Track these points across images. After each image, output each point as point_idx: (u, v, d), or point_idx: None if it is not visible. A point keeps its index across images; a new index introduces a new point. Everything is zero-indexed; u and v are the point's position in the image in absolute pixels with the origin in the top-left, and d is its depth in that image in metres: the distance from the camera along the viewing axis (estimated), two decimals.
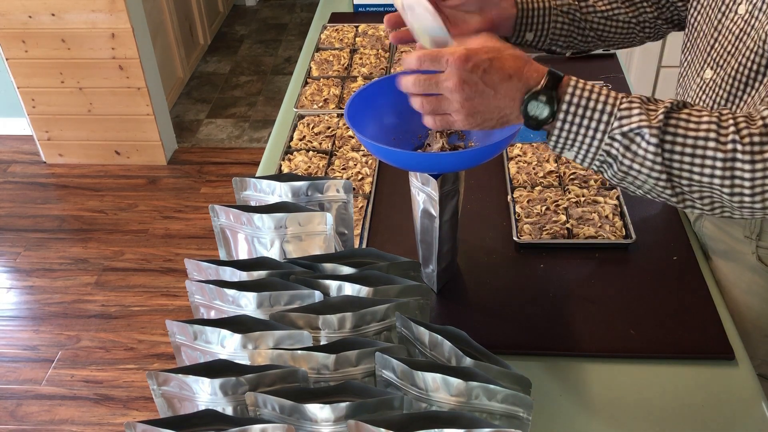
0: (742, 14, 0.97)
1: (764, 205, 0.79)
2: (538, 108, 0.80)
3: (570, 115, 0.81)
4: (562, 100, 0.81)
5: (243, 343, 0.80)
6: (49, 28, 2.81)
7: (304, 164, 1.37)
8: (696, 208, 0.84)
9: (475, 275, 1.14)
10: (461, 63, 0.80)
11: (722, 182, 0.79)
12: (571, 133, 0.82)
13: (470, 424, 0.67)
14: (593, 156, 0.83)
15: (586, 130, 0.81)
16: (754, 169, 0.77)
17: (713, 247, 1.15)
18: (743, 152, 0.77)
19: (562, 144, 0.83)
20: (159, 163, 3.15)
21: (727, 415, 0.93)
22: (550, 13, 1.10)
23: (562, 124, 0.81)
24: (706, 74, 1.03)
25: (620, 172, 0.83)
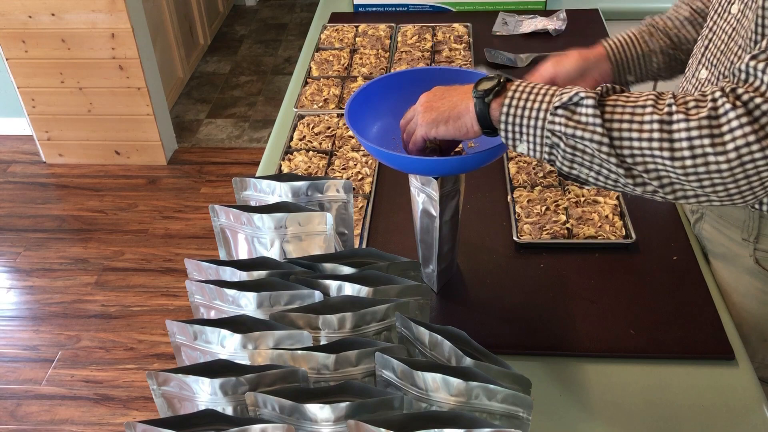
0: (735, 13, 0.98)
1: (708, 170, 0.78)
2: (489, 82, 0.87)
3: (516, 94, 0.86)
4: (511, 83, 0.88)
5: (243, 343, 0.80)
6: (49, 28, 2.81)
7: (304, 164, 1.37)
8: (648, 187, 0.84)
9: (475, 275, 1.14)
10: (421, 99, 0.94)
11: (661, 145, 0.79)
12: (517, 116, 0.86)
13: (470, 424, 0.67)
14: (541, 139, 0.85)
15: (530, 111, 0.85)
16: (689, 127, 0.78)
17: (712, 249, 1.15)
18: (678, 112, 0.79)
19: (512, 129, 0.86)
20: (159, 163, 3.15)
21: (727, 415, 0.93)
22: (643, 58, 1.16)
23: (508, 106, 0.86)
24: (701, 74, 1.04)
25: (568, 149, 0.84)
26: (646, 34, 1.16)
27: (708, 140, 0.78)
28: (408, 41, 1.78)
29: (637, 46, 1.15)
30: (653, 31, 1.17)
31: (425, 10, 1.98)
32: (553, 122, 0.84)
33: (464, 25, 1.85)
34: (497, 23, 1.87)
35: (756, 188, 0.80)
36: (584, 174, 0.87)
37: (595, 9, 1.93)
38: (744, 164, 0.77)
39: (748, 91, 0.78)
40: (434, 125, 0.92)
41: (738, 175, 0.78)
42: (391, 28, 1.85)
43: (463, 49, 1.74)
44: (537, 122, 0.85)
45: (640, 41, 1.16)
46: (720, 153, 0.77)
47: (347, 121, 0.97)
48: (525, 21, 1.87)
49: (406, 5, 1.99)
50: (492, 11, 1.94)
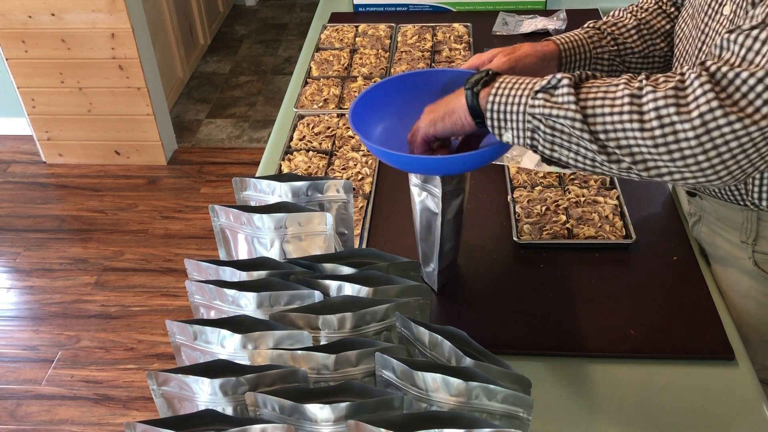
0: (727, 14, 0.98)
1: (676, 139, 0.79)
2: (478, 75, 0.91)
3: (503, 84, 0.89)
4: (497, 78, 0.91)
5: (243, 343, 0.80)
6: (49, 28, 2.81)
7: (304, 164, 1.37)
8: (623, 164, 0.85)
9: (475, 275, 1.14)
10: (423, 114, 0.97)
11: (631, 117, 0.81)
12: (501, 103, 0.89)
13: (470, 424, 0.67)
14: (523, 123, 0.88)
15: (513, 97, 0.88)
16: (656, 97, 0.80)
17: (711, 252, 1.15)
18: (647, 86, 0.81)
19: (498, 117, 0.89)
20: (159, 163, 3.15)
21: (727, 416, 0.93)
22: (591, 62, 1.15)
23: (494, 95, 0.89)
24: None
25: (547, 130, 0.86)
26: (595, 38, 1.15)
27: (674, 108, 0.79)
28: (408, 41, 1.78)
29: (587, 49, 1.13)
30: (602, 36, 1.15)
31: (425, 10, 1.98)
32: (534, 105, 0.86)
33: (464, 25, 1.85)
34: (497, 23, 1.87)
35: (729, 163, 0.80)
36: (564, 156, 0.88)
37: (595, 9, 1.93)
38: (710, 131, 0.78)
39: (716, 63, 0.80)
40: (432, 124, 0.95)
41: (706, 144, 0.79)
42: (391, 28, 1.85)
43: (463, 49, 1.74)
44: (519, 107, 0.87)
45: (590, 44, 1.14)
46: (685, 120, 0.79)
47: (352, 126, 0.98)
48: (525, 21, 1.87)
49: (406, 5, 1.99)
50: (492, 11, 1.94)
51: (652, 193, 1.29)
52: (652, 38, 1.16)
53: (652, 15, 1.17)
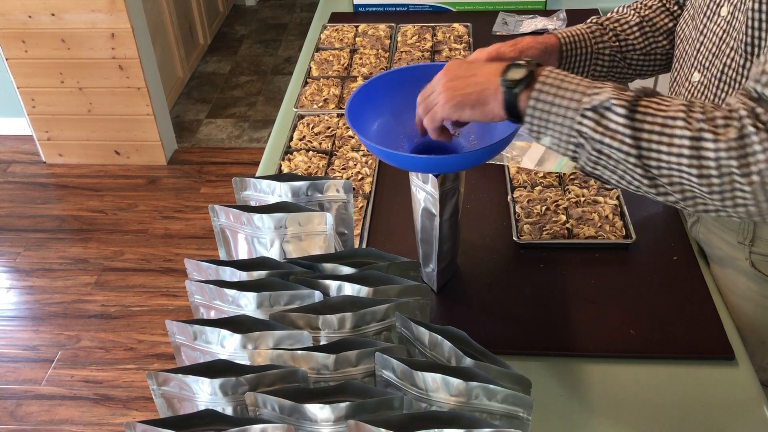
0: (725, 16, 0.98)
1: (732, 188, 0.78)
2: (518, 71, 0.85)
3: (545, 87, 0.84)
4: (542, 71, 0.85)
5: (243, 343, 0.80)
6: (49, 28, 2.81)
7: (304, 164, 1.37)
8: (670, 197, 0.83)
9: (475, 275, 1.14)
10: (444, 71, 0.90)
11: (690, 162, 0.78)
12: (545, 111, 0.84)
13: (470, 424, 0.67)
14: (567, 137, 0.84)
15: (557, 107, 0.83)
16: (718, 148, 0.77)
17: (709, 252, 1.15)
18: (708, 131, 0.78)
19: (539, 123, 0.85)
20: (159, 163, 3.15)
21: (727, 415, 0.93)
22: (592, 57, 1.14)
23: (535, 100, 0.84)
24: (694, 77, 1.04)
25: (593, 152, 0.83)
26: (597, 33, 1.14)
27: (735, 162, 0.77)
28: (408, 41, 1.78)
29: (588, 44, 1.13)
30: (604, 32, 1.15)
31: (425, 10, 1.98)
32: (582, 124, 0.82)
33: (464, 25, 1.85)
34: (497, 23, 1.87)
35: None
36: (607, 175, 0.85)
37: (595, 9, 1.93)
38: (765, 185, 0.76)
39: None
40: (459, 109, 0.89)
41: (760, 197, 0.77)
42: (391, 28, 1.85)
43: (463, 49, 1.74)
44: (564, 120, 0.83)
45: (591, 40, 1.13)
46: (745, 175, 0.76)
47: (348, 121, 0.97)
48: (525, 21, 1.87)
49: (406, 5, 1.99)
50: (492, 11, 1.94)
51: None
52: (655, 36, 1.16)
53: (656, 12, 1.17)
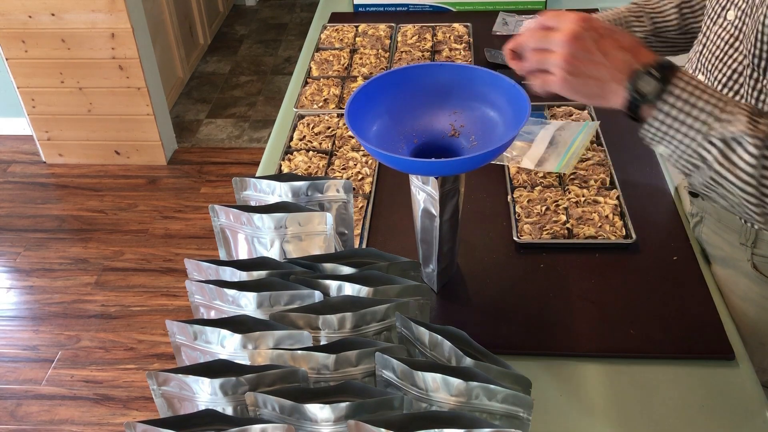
0: (732, 20, 0.97)
1: None
2: (649, 83, 0.78)
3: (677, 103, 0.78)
4: (675, 84, 0.78)
5: (243, 343, 0.80)
6: (49, 28, 2.81)
7: (304, 164, 1.37)
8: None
9: (475, 275, 1.14)
10: (580, 21, 0.80)
11: None
12: (671, 127, 0.79)
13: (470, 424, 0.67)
14: (687, 156, 0.80)
15: (685, 127, 0.78)
16: None
17: (711, 252, 1.15)
18: None
19: (660, 136, 0.80)
20: (159, 163, 3.15)
21: (727, 415, 0.93)
22: None
23: (665, 114, 0.79)
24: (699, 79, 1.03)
25: (710, 180, 0.79)
26: (634, 16, 1.14)
27: None
28: (408, 41, 1.78)
29: (624, 25, 1.14)
30: (642, 14, 1.16)
31: (425, 10, 1.98)
32: (707, 150, 0.78)
33: (464, 25, 1.85)
34: (497, 23, 1.87)
35: None
36: (714, 197, 0.83)
37: (595, 9, 1.93)
38: None
39: None
40: (573, 93, 0.83)
41: None
42: (391, 28, 1.85)
43: (463, 49, 1.74)
44: (688, 140, 0.79)
45: (628, 21, 1.15)
46: None
47: (348, 124, 0.97)
48: (525, 21, 1.87)
49: (406, 5, 1.99)
50: (492, 11, 1.94)
51: (652, 193, 1.29)
52: (693, 14, 1.17)
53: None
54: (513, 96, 1.00)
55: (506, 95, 1.02)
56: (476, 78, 1.05)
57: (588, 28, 0.79)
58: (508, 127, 1.00)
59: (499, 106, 1.03)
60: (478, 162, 0.94)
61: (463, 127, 1.05)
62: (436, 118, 1.06)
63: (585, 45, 0.79)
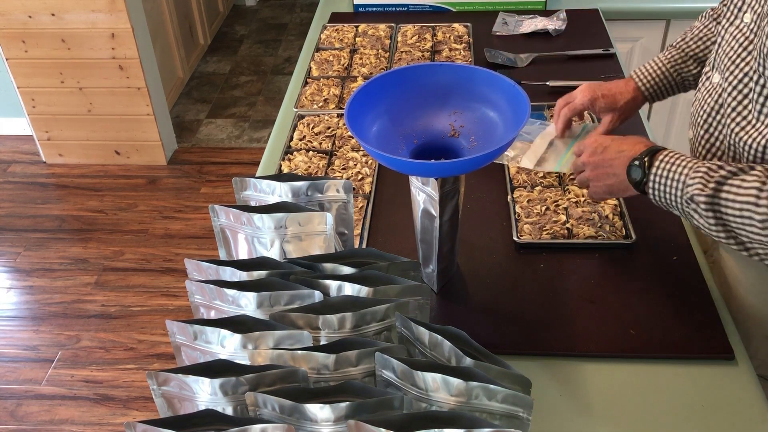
0: (748, 23, 0.98)
1: None
2: (635, 172, 0.99)
3: (658, 181, 0.97)
4: (652, 168, 0.98)
5: (243, 343, 0.80)
6: (49, 28, 2.81)
7: (304, 164, 1.37)
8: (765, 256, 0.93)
9: (475, 275, 1.14)
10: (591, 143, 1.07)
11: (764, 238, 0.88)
12: (661, 197, 0.98)
13: (470, 424, 0.67)
14: (682, 212, 0.97)
15: (669, 196, 0.97)
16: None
17: (725, 246, 1.14)
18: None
19: (660, 203, 0.99)
20: (159, 163, 3.15)
21: (727, 415, 0.93)
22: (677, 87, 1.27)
23: (652, 188, 0.98)
24: (714, 78, 1.05)
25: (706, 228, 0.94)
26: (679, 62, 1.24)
27: None
28: (408, 41, 1.78)
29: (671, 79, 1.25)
30: (685, 57, 1.23)
31: (425, 10, 1.98)
32: (688, 205, 0.94)
33: (464, 25, 1.85)
34: (497, 23, 1.87)
35: None
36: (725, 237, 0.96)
37: (595, 9, 1.93)
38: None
39: None
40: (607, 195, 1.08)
41: None
42: (391, 28, 1.85)
43: (463, 49, 1.74)
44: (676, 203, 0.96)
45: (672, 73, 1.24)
46: None
47: (348, 125, 0.97)
48: (525, 21, 1.87)
49: (406, 5, 1.99)
50: (492, 11, 1.94)
51: None
52: None
53: None
54: (513, 96, 1.00)
55: (506, 95, 1.02)
56: (476, 78, 1.05)
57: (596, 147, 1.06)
58: (507, 128, 1.00)
59: (499, 106, 1.03)
60: (478, 163, 0.94)
61: (463, 128, 1.05)
62: (435, 118, 1.06)
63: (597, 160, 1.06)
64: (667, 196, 0.97)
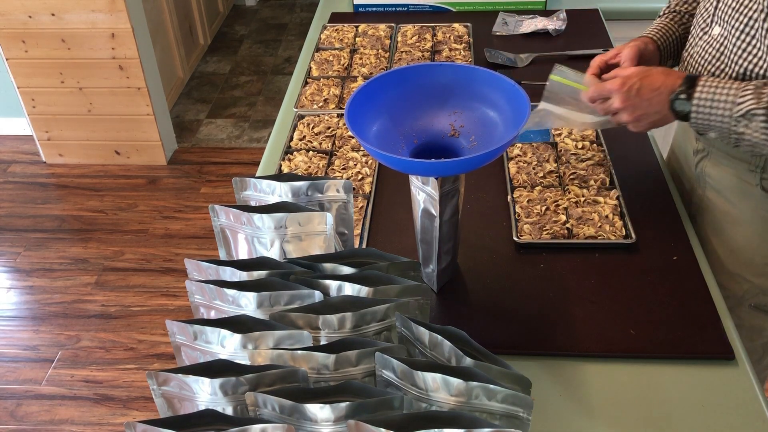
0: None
1: None
2: (682, 104, 1.06)
3: (702, 105, 1.04)
4: (693, 97, 1.05)
5: (243, 343, 0.80)
6: (49, 28, 2.81)
7: (304, 164, 1.37)
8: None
9: (475, 275, 1.14)
10: (619, 88, 1.10)
11: None
12: (706, 120, 1.05)
13: (470, 424, 0.67)
14: (728, 135, 1.05)
15: (716, 117, 1.04)
16: None
17: (714, 185, 1.22)
18: None
19: (703, 127, 1.07)
20: (159, 163, 3.15)
21: (727, 415, 0.93)
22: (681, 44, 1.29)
23: (698, 114, 1.05)
24: (714, 31, 1.12)
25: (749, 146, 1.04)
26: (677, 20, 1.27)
27: None
28: (408, 41, 1.78)
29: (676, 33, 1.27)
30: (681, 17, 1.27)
31: (425, 10, 1.98)
32: (737, 126, 1.03)
33: (464, 25, 1.85)
34: (497, 23, 1.87)
35: None
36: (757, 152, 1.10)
37: (595, 9, 1.93)
38: None
39: None
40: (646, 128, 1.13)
41: None
42: (391, 28, 1.85)
43: (463, 49, 1.74)
44: (723, 125, 1.04)
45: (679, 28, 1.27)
46: None
47: (348, 124, 0.97)
48: (525, 21, 1.87)
49: (406, 5, 1.99)
50: (492, 11, 1.94)
51: (652, 193, 1.29)
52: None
53: None
54: (513, 96, 1.00)
55: (506, 95, 1.02)
56: (476, 78, 1.05)
57: (628, 90, 1.09)
58: (507, 128, 1.00)
59: (499, 106, 1.03)
60: (478, 162, 0.94)
61: (463, 127, 1.05)
62: (436, 118, 1.06)
63: (632, 102, 1.09)
64: (711, 118, 1.04)
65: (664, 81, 1.08)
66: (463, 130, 1.05)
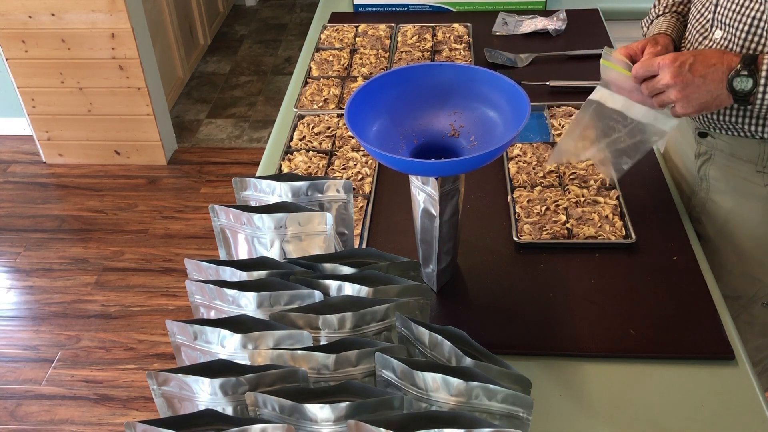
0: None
1: None
2: (743, 82, 0.99)
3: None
4: (761, 69, 0.97)
5: (243, 343, 0.80)
6: (49, 28, 2.81)
7: (304, 164, 1.37)
8: None
9: (475, 275, 1.14)
10: (670, 63, 1.01)
11: None
12: None
13: (470, 424, 0.67)
14: None
15: None
16: None
17: (719, 186, 1.21)
18: None
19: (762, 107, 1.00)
20: (159, 163, 3.15)
21: (727, 415, 0.93)
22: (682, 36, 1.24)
23: (763, 92, 0.98)
24: (715, 35, 1.10)
25: None
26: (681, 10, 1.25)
27: None
28: (408, 41, 1.78)
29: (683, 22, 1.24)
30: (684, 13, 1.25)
31: (425, 10, 1.98)
32: None
33: (464, 25, 1.85)
34: (497, 23, 1.87)
35: None
36: None
37: (595, 9, 1.93)
38: None
39: None
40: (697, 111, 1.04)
41: None
42: (391, 28, 1.85)
43: (463, 49, 1.74)
44: None
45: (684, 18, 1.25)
46: None
47: (348, 124, 0.97)
48: (525, 21, 1.87)
49: (406, 5, 1.99)
50: (492, 11, 1.94)
51: (652, 193, 1.29)
52: None
53: None
54: (513, 96, 1.00)
55: (506, 95, 1.02)
56: (476, 78, 1.05)
57: (680, 65, 1.00)
58: (507, 128, 1.00)
59: (499, 106, 1.03)
60: (478, 162, 0.94)
61: (463, 127, 1.05)
62: (436, 118, 1.06)
63: (684, 78, 1.00)
64: None
65: (721, 58, 1.00)
66: (463, 130, 1.05)
